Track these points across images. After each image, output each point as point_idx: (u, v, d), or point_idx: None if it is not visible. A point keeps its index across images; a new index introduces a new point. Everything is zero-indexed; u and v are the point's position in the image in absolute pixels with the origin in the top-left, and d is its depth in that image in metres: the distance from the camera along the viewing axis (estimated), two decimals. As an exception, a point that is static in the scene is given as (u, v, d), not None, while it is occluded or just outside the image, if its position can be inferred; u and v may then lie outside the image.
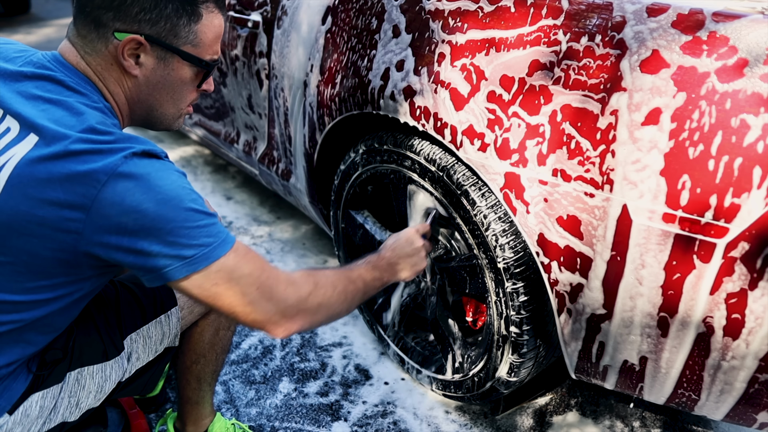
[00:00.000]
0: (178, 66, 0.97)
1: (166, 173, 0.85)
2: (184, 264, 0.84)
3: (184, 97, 1.03)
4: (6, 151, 0.84)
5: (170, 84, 0.99)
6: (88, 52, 0.94)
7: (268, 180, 2.15)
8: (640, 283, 1.03)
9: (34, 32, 6.45)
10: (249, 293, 0.90)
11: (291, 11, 1.74)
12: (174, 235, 0.83)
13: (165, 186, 0.84)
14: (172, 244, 0.83)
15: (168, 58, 0.96)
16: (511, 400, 1.59)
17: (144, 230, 0.82)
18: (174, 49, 0.95)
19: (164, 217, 0.82)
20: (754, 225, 0.90)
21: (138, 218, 0.81)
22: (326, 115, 1.59)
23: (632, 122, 0.98)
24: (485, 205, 1.24)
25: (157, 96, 0.99)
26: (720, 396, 1.05)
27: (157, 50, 0.94)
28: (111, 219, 0.81)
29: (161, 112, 1.03)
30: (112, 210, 0.81)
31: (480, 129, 1.17)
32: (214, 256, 0.86)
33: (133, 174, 0.82)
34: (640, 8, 1.00)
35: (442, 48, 1.25)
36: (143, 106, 1.01)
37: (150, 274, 0.86)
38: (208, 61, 1.00)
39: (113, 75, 0.95)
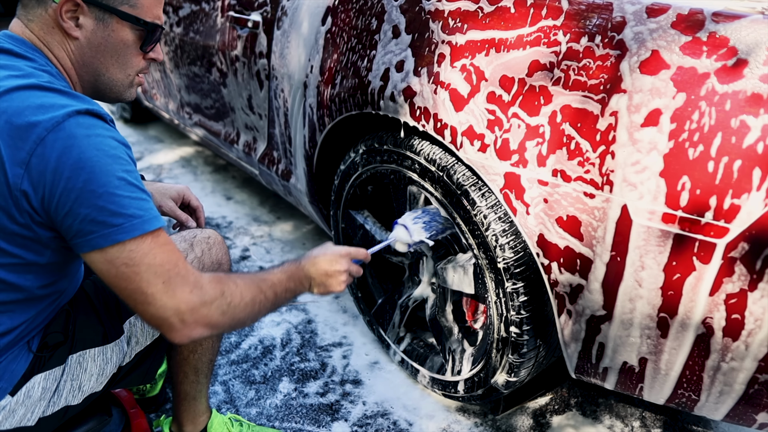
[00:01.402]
0: (118, 27, 0.99)
1: (106, 139, 0.86)
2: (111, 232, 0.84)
3: (129, 61, 1.03)
4: None
5: (112, 46, 1.00)
6: (31, 19, 0.96)
7: (269, 180, 2.15)
8: (639, 284, 1.03)
9: (34, 32, 6.43)
10: (153, 284, 0.87)
11: (291, 12, 1.74)
12: (104, 200, 0.83)
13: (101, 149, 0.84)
14: (101, 209, 0.83)
15: (107, 19, 0.97)
16: (511, 400, 1.59)
17: (75, 191, 0.82)
18: (110, 8, 0.96)
19: (97, 180, 0.83)
20: (754, 225, 0.90)
21: (71, 178, 0.82)
22: (326, 116, 1.59)
23: (632, 123, 0.98)
24: (485, 206, 1.24)
25: (102, 59, 1.01)
26: (720, 397, 1.05)
27: (95, 11, 0.96)
28: (46, 176, 0.82)
29: (108, 78, 1.03)
30: (48, 166, 0.82)
31: (480, 130, 1.17)
32: (141, 229, 0.85)
33: (74, 134, 0.83)
34: (640, 9, 1.00)
35: (442, 48, 1.25)
36: (90, 71, 1.02)
37: (78, 237, 0.85)
38: (147, 22, 1.01)
39: (56, 39, 0.97)
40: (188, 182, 3.01)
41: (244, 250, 2.40)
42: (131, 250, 0.85)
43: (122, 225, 0.84)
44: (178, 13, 2.36)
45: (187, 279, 0.90)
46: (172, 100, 2.70)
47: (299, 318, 1.99)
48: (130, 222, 0.84)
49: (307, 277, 1.11)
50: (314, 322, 1.97)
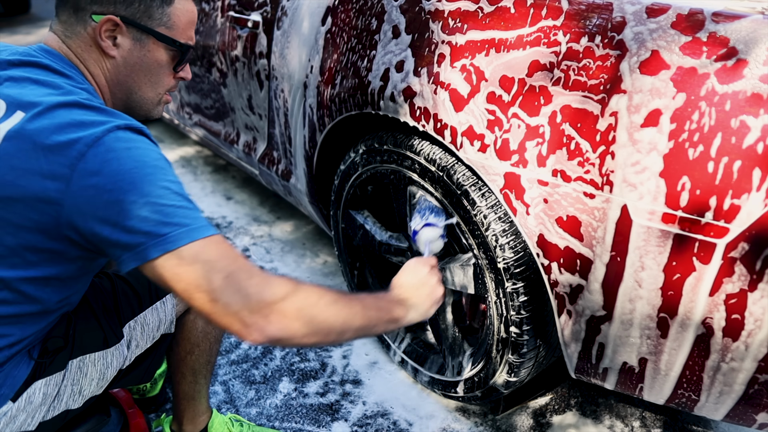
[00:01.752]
0: (154, 47, 1.02)
1: (147, 150, 0.85)
2: (161, 241, 0.80)
3: (162, 80, 1.07)
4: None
5: (147, 66, 1.03)
6: (69, 35, 0.99)
7: (269, 180, 2.15)
8: (639, 285, 1.03)
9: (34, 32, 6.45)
10: (215, 280, 0.80)
11: (291, 12, 1.74)
12: (147, 209, 0.80)
13: (144, 161, 0.84)
14: (145, 219, 0.80)
15: (143, 39, 1.01)
16: (511, 400, 1.59)
17: (119, 203, 0.80)
18: (148, 29, 1.00)
19: (141, 188, 0.81)
20: (754, 225, 0.90)
21: (115, 191, 0.80)
22: (326, 116, 1.59)
23: (632, 124, 0.98)
24: (485, 205, 1.24)
25: (136, 78, 1.03)
26: (719, 397, 1.05)
27: (132, 31, 0.99)
28: (89, 190, 0.81)
29: (140, 96, 1.06)
30: (91, 181, 0.81)
31: (480, 130, 1.17)
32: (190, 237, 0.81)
33: (114, 147, 0.83)
34: (640, 9, 1.00)
35: (442, 49, 1.25)
36: (123, 89, 1.04)
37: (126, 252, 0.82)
38: (182, 43, 1.05)
39: (93, 56, 1.00)
40: (188, 182, 3.01)
41: (244, 250, 2.40)
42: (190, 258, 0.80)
43: (169, 234, 0.80)
44: (178, 13, 2.36)
45: (252, 272, 0.83)
46: (172, 100, 2.70)
47: (299, 318, 1.99)
48: (177, 230, 0.81)
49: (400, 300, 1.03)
50: (314, 322, 1.97)
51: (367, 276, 1.80)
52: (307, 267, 2.30)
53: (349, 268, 1.81)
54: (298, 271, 2.27)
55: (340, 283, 2.17)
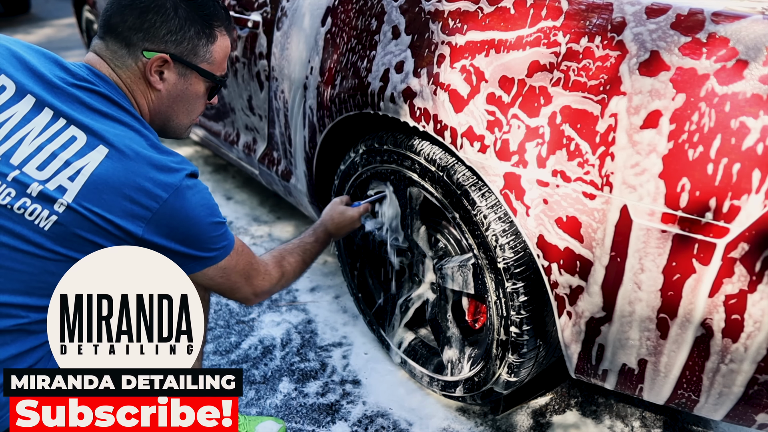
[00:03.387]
0: (195, 81, 1.11)
1: (204, 192, 1.02)
2: (206, 261, 1.05)
3: (197, 109, 1.17)
4: (79, 158, 0.93)
5: (187, 97, 1.12)
6: (119, 66, 1.05)
7: (269, 180, 2.15)
8: (639, 287, 1.03)
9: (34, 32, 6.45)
10: (238, 281, 1.13)
11: (291, 12, 1.73)
12: (207, 243, 1.03)
13: (205, 205, 1.01)
14: (203, 248, 1.03)
15: (188, 74, 1.10)
16: (511, 400, 1.59)
17: (189, 239, 0.99)
18: (194, 66, 1.09)
19: (204, 230, 1.01)
20: (754, 226, 0.90)
21: (185, 230, 0.98)
22: (326, 117, 1.59)
23: (631, 125, 0.98)
24: (485, 205, 1.24)
25: (175, 108, 1.13)
26: (719, 398, 1.05)
27: (179, 67, 1.08)
28: (166, 228, 0.96)
29: (177, 123, 1.16)
30: (170, 221, 0.96)
31: (480, 131, 1.17)
32: (224, 255, 1.07)
33: (188, 194, 0.97)
34: (640, 9, 1.00)
35: (442, 49, 1.25)
36: (161, 117, 1.13)
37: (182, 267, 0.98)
38: (220, 78, 1.15)
39: (140, 88, 1.07)
40: (188, 182, 3.00)
41: (244, 250, 2.40)
42: (224, 268, 1.08)
43: (215, 256, 1.06)
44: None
45: (258, 271, 1.17)
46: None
47: (299, 318, 1.99)
48: (220, 252, 1.06)
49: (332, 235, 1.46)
50: (314, 322, 1.97)
51: (366, 276, 1.81)
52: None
53: (349, 268, 1.81)
54: (298, 271, 2.27)
55: (340, 283, 2.17)
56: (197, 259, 1.03)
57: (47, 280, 0.92)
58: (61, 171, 0.92)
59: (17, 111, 0.95)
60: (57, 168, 0.92)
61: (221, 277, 1.09)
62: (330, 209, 1.49)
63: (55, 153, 0.93)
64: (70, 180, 0.91)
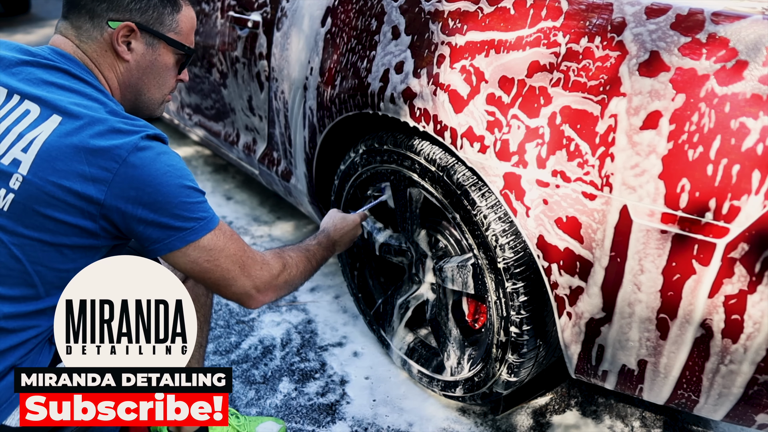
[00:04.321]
0: (164, 52, 1.11)
1: (172, 155, 0.98)
2: (185, 234, 0.96)
3: (167, 82, 1.15)
4: (32, 130, 0.92)
5: (157, 69, 1.11)
6: (84, 41, 1.05)
7: (269, 180, 2.15)
8: (638, 288, 1.03)
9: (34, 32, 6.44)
10: (232, 270, 1.03)
11: (291, 13, 1.73)
12: (179, 208, 0.95)
13: (173, 166, 0.96)
14: (177, 216, 0.95)
15: (155, 44, 1.09)
16: (511, 400, 1.59)
17: (156, 203, 0.93)
18: (160, 35, 1.08)
19: (173, 192, 0.94)
20: (753, 226, 0.90)
21: (152, 192, 0.93)
22: (326, 117, 1.59)
23: (631, 126, 0.98)
24: (485, 206, 1.24)
25: (145, 80, 1.11)
26: (719, 398, 1.05)
27: (146, 37, 1.07)
28: (129, 191, 0.92)
29: (148, 97, 1.14)
30: (131, 183, 0.92)
31: (480, 131, 1.17)
32: (208, 228, 0.99)
33: (148, 155, 0.93)
34: (640, 10, 1.00)
35: (442, 50, 1.25)
36: (132, 91, 1.11)
37: (156, 243, 0.97)
38: (188, 47, 1.14)
39: (107, 61, 1.06)
40: (188, 182, 3.01)
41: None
42: (209, 249, 0.99)
43: (192, 228, 0.97)
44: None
45: (255, 260, 1.07)
46: (172, 100, 2.70)
47: (299, 318, 1.99)
48: (197, 224, 0.97)
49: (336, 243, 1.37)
50: (314, 322, 1.98)
51: (367, 276, 1.81)
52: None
53: (349, 268, 1.81)
54: (298, 271, 2.27)
55: (340, 283, 2.17)
56: (171, 230, 0.95)
57: (14, 267, 0.92)
58: (14, 145, 0.91)
59: None
60: (10, 142, 0.92)
61: (208, 261, 1.00)
62: (330, 216, 1.45)
63: (8, 128, 0.92)
64: (23, 152, 0.91)
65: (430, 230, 1.51)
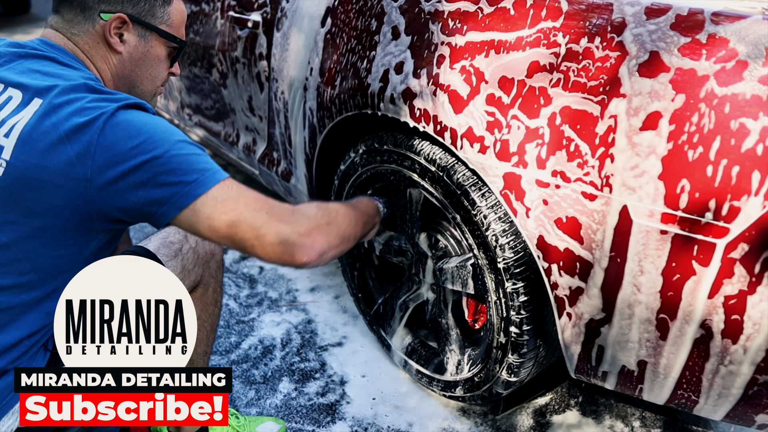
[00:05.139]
0: (156, 44, 1.12)
1: (156, 119, 0.94)
2: (190, 188, 0.89)
3: (160, 74, 1.16)
4: (14, 115, 0.91)
5: (149, 60, 1.12)
6: (75, 33, 1.05)
7: (269, 180, 2.15)
8: (638, 289, 1.03)
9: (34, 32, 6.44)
10: (259, 217, 0.91)
11: (290, 14, 1.73)
12: (175, 162, 0.89)
13: (156, 124, 0.92)
14: (174, 171, 0.89)
15: (147, 36, 1.10)
16: (511, 400, 1.59)
17: (145, 162, 0.88)
18: (152, 27, 1.09)
19: (163, 146, 0.89)
20: (753, 226, 0.90)
21: (137, 152, 0.88)
22: (326, 118, 1.59)
23: (631, 126, 0.98)
24: (485, 206, 1.24)
25: (138, 72, 1.12)
26: (718, 399, 1.05)
27: (138, 28, 1.08)
28: (113, 158, 0.88)
29: (141, 89, 1.14)
30: (113, 149, 0.88)
31: (479, 132, 1.17)
32: (215, 179, 0.90)
33: (127, 119, 0.90)
34: (640, 10, 1.00)
35: (442, 50, 1.25)
36: (126, 83, 1.12)
37: (161, 206, 0.89)
38: (180, 39, 1.15)
39: (100, 53, 1.07)
40: (188, 182, 3.00)
41: (245, 250, 2.40)
42: (222, 200, 0.89)
43: (197, 179, 0.89)
44: (178, 14, 2.36)
45: (284, 207, 0.96)
46: (172, 101, 2.70)
47: (299, 318, 1.99)
48: (203, 175, 0.89)
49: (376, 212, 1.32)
50: (314, 322, 1.98)
51: (367, 276, 1.81)
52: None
53: (349, 268, 1.81)
54: (298, 271, 2.27)
55: (340, 283, 2.17)
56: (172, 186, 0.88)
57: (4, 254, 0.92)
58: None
59: None
60: None
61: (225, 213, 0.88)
62: None
63: None
64: (6, 137, 0.90)
65: (430, 230, 1.51)
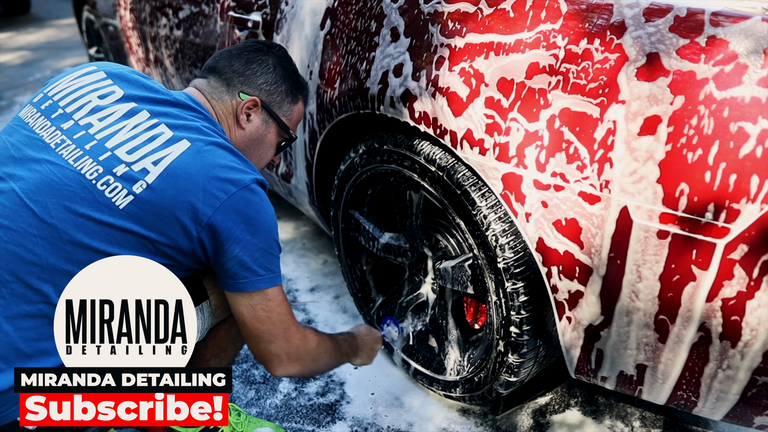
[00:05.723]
0: (273, 131, 1.28)
1: (269, 205, 1.08)
2: (258, 280, 1.06)
3: (266, 157, 1.30)
4: (166, 148, 1.03)
5: (263, 143, 1.27)
6: (215, 99, 1.22)
7: (269, 181, 2.15)
8: (637, 292, 1.03)
9: (34, 32, 6.45)
10: (277, 329, 1.09)
11: (290, 16, 1.74)
12: (263, 256, 1.05)
13: (272, 218, 1.08)
14: (260, 263, 1.05)
15: (269, 123, 1.26)
16: (511, 400, 1.59)
17: (247, 244, 1.03)
18: (276, 116, 1.26)
19: (263, 240, 1.05)
20: (752, 227, 0.90)
21: (246, 233, 1.03)
22: (326, 120, 1.59)
23: (629, 129, 0.98)
24: (485, 206, 1.24)
25: (252, 149, 1.26)
26: (717, 401, 1.05)
27: (264, 114, 1.25)
28: (228, 223, 1.02)
29: None
30: (232, 217, 1.02)
31: (479, 134, 1.17)
32: (276, 282, 1.08)
33: (254, 198, 1.05)
34: (639, 12, 1.00)
35: (441, 52, 1.25)
36: None
37: (232, 279, 1.06)
38: (293, 135, 1.31)
39: (228, 122, 1.22)
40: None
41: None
42: (269, 300, 1.07)
43: (265, 276, 1.06)
44: (178, 15, 2.36)
45: (299, 329, 1.14)
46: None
47: (299, 318, 2.00)
48: (270, 275, 1.07)
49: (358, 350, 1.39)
50: (314, 322, 1.98)
51: (367, 276, 1.81)
52: (307, 267, 2.30)
53: (349, 268, 1.82)
54: (298, 271, 2.27)
55: (340, 283, 2.17)
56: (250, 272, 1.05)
57: None
58: (146, 156, 1.02)
59: (118, 109, 1.08)
60: (144, 154, 1.02)
61: (264, 310, 1.08)
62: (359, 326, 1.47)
63: (144, 143, 1.04)
64: (154, 164, 1.01)
65: (430, 230, 1.52)
